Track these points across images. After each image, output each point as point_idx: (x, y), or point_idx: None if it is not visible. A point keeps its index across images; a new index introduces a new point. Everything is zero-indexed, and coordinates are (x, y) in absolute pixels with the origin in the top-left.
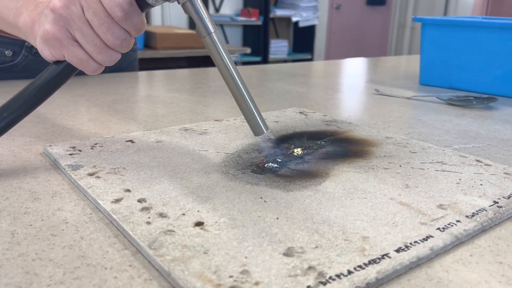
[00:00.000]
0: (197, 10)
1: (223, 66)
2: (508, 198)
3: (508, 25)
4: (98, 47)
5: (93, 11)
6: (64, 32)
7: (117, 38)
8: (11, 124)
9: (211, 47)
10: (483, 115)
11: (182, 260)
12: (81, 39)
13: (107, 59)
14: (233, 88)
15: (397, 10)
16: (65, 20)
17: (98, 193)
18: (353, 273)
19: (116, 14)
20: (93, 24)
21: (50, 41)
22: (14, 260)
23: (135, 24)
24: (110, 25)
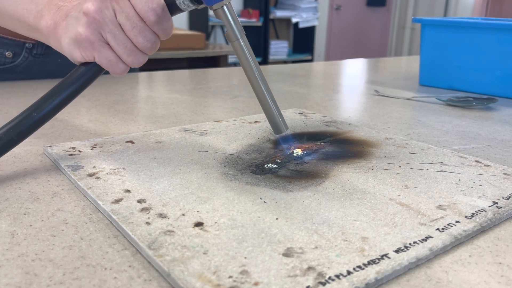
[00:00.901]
0: (229, 16)
1: (249, 69)
2: (507, 199)
3: (508, 26)
4: (128, 50)
5: (125, 15)
6: (97, 35)
7: (148, 41)
8: (40, 123)
9: (239, 51)
10: (482, 116)
11: (181, 261)
12: (112, 42)
13: (136, 61)
14: (257, 89)
15: (397, 11)
16: (98, 23)
17: (98, 194)
18: (353, 274)
19: (149, 18)
20: (125, 28)
21: (82, 43)
22: (14, 260)
23: (165, 28)
24: (142, 29)
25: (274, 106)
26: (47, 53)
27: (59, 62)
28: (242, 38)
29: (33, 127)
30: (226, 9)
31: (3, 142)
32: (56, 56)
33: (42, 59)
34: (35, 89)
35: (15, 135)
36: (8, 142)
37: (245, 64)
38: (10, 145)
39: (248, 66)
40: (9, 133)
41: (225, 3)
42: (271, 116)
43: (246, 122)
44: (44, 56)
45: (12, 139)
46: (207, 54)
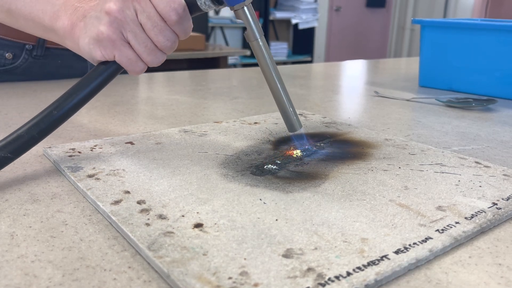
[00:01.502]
0: (249, 17)
1: (267, 68)
2: (507, 200)
3: (507, 27)
4: (148, 49)
5: (147, 15)
6: (118, 34)
7: (168, 40)
8: (61, 121)
9: (258, 51)
10: (482, 117)
11: (181, 262)
12: (133, 41)
13: (155, 60)
14: (274, 88)
15: (396, 12)
16: (119, 22)
17: (97, 195)
18: (352, 275)
19: (171, 18)
20: (146, 27)
21: (103, 41)
22: (14, 261)
23: (185, 28)
24: (162, 28)
25: (289, 104)
26: (47, 55)
27: (59, 64)
28: (261, 38)
29: (53, 125)
30: (246, 10)
31: (24, 140)
32: (56, 57)
33: (42, 60)
34: (35, 90)
35: (36, 133)
36: (30, 140)
37: (263, 64)
38: (31, 143)
39: (266, 65)
40: (30, 131)
41: (246, 4)
42: (286, 115)
43: (245, 123)
44: (44, 58)
45: (34, 137)
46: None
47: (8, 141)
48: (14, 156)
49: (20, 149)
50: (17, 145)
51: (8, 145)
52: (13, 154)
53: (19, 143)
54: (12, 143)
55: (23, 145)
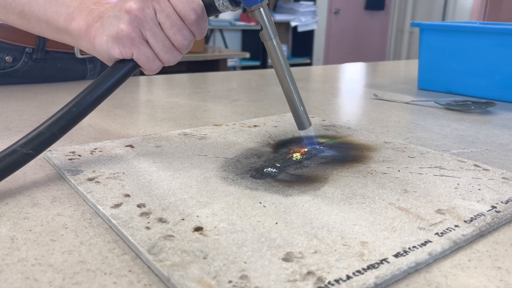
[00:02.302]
0: (264, 18)
1: (280, 67)
2: (506, 203)
3: (505, 30)
4: (166, 47)
5: (166, 14)
6: (137, 32)
7: (185, 39)
8: (80, 117)
9: (272, 50)
10: (481, 120)
11: (181, 265)
12: (152, 39)
13: (172, 58)
14: (286, 86)
15: (395, 14)
16: (139, 20)
17: (97, 198)
18: (352, 278)
19: (190, 18)
20: (164, 26)
21: (123, 39)
22: (14, 265)
23: (202, 27)
24: (180, 27)
25: (300, 103)
26: (46, 58)
27: (58, 67)
28: (275, 39)
29: (73, 121)
30: (262, 10)
31: (45, 136)
32: (55, 60)
33: (42, 63)
34: (34, 93)
35: (56, 130)
36: (50, 137)
37: (276, 63)
38: (52, 140)
39: (279, 64)
40: (51, 128)
41: (262, 5)
42: (296, 112)
43: (245, 126)
44: (44, 61)
45: (54, 133)
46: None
47: (29, 138)
48: (35, 153)
49: (41, 146)
50: (38, 142)
51: (29, 142)
52: (34, 151)
53: (40, 140)
54: (33, 140)
55: (44, 142)
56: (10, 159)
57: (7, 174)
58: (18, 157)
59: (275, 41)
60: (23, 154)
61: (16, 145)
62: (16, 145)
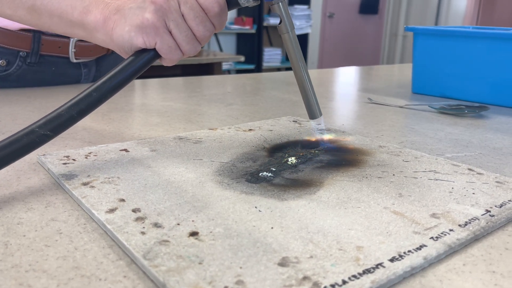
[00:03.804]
0: (283, 12)
1: (295, 59)
2: (500, 207)
3: (498, 35)
4: (188, 37)
5: (190, 6)
6: (162, 22)
7: (207, 30)
8: (99, 102)
9: (288, 42)
10: (474, 124)
11: (177, 271)
12: (175, 29)
13: (192, 49)
14: (300, 77)
15: (389, 18)
16: (164, 11)
17: (92, 203)
18: (348, 283)
19: (213, 10)
20: (188, 17)
21: (147, 28)
22: (8, 271)
23: (223, 20)
24: (203, 19)
25: (312, 93)
26: (41, 62)
27: (53, 71)
28: (292, 32)
29: (92, 105)
30: (281, 5)
31: (64, 118)
32: (50, 65)
33: (36, 67)
34: (28, 97)
35: (75, 112)
36: (69, 119)
37: (292, 54)
38: (70, 122)
39: (295, 56)
40: (70, 110)
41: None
42: (309, 102)
43: (240, 130)
44: (38, 65)
45: (72, 116)
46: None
47: (48, 119)
48: (53, 134)
49: (59, 127)
50: (56, 124)
51: (47, 123)
52: (53, 132)
53: (59, 122)
54: (51, 121)
55: (63, 124)
56: (28, 139)
57: (23, 154)
58: (36, 137)
59: (292, 34)
60: (41, 134)
61: (35, 125)
62: (34, 125)
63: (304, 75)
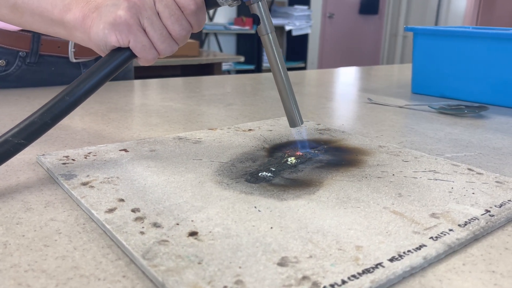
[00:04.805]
0: (262, 11)
1: (274, 62)
2: (499, 207)
3: (498, 35)
4: (163, 36)
5: (165, 3)
6: (135, 19)
7: (183, 29)
8: (73, 106)
9: (268, 45)
10: (474, 124)
11: (176, 271)
12: (149, 27)
13: (168, 48)
14: (280, 82)
15: (389, 19)
16: (138, 8)
17: (91, 203)
18: (347, 283)
19: (190, 8)
20: (163, 15)
21: (120, 26)
22: (7, 271)
23: (200, 19)
24: (179, 17)
25: (292, 99)
26: (40, 62)
27: (52, 71)
28: (271, 33)
29: (66, 110)
30: (260, 5)
31: (37, 126)
32: (49, 65)
33: (35, 67)
34: (28, 97)
35: (49, 119)
36: (42, 126)
37: (271, 58)
38: (44, 129)
39: (274, 60)
40: (43, 117)
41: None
42: (288, 109)
43: (240, 130)
44: (37, 65)
45: (46, 122)
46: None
47: (22, 128)
48: (27, 142)
49: (33, 135)
50: (30, 131)
51: (21, 132)
52: (26, 140)
53: (32, 129)
54: (25, 129)
55: (36, 131)
56: (2, 149)
57: None
58: (10, 147)
59: (271, 36)
60: (14, 144)
61: (8, 134)
62: (7, 134)
63: (284, 80)
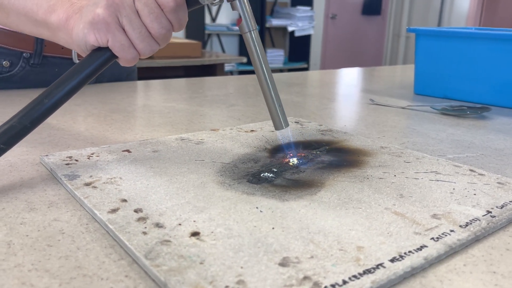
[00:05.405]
0: (243, 8)
1: (257, 62)
2: (501, 208)
3: (500, 36)
4: (142, 35)
5: (144, 2)
6: (113, 18)
7: (163, 27)
8: (52, 109)
9: (250, 43)
10: (476, 125)
11: (178, 270)
12: (128, 26)
13: (148, 47)
14: (263, 83)
15: (391, 19)
16: (116, 6)
17: (94, 203)
18: (348, 283)
19: (169, 5)
20: (142, 13)
21: (98, 24)
22: (10, 270)
23: (180, 18)
24: (158, 15)
25: (276, 101)
26: (44, 63)
27: (56, 72)
28: (253, 31)
29: (45, 113)
30: (241, 2)
31: (17, 130)
32: (53, 66)
33: (39, 68)
34: (31, 98)
35: (28, 122)
36: (22, 130)
37: (254, 57)
38: (23, 133)
39: (257, 59)
40: (22, 121)
41: None
42: (272, 111)
43: (242, 131)
44: (41, 66)
45: (26, 126)
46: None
47: (1, 132)
48: (7, 147)
49: (13, 140)
50: (9, 135)
51: (0, 136)
52: (6, 145)
53: (12, 134)
54: (4, 133)
55: (16, 135)
56: None
57: None
58: None
59: (254, 34)
60: None
61: None
62: None
63: (268, 81)
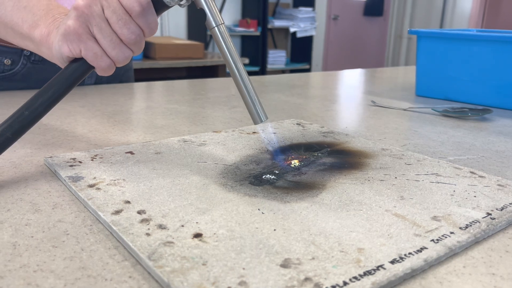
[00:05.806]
0: (207, 4)
1: (228, 57)
2: (501, 210)
3: (502, 38)
4: (113, 42)
5: (112, 9)
6: (84, 28)
7: (132, 33)
8: (33, 121)
9: (218, 38)
10: (478, 127)
11: (181, 272)
12: (98, 34)
13: (120, 54)
14: (236, 77)
15: (393, 21)
16: (86, 16)
17: (98, 205)
18: (349, 284)
19: (134, 10)
20: (111, 21)
21: (70, 35)
22: (16, 271)
23: (149, 21)
24: (127, 21)
25: (252, 95)
26: (45, 60)
27: (57, 69)
28: (220, 26)
29: (26, 125)
30: None
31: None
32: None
33: (41, 65)
34: None
35: (10, 134)
36: (5, 141)
37: (223, 51)
38: (6, 143)
39: (227, 53)
40: (4, 132)
41: None
42: (248, 105)
43: (244, 132)
44: (42, 63)
45: (8, 138)
46: (206, 63)
47: None
48: None
49: None
50: None
51: None
52: None
53: None
54: None
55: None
56: None
57: None
58: None
59: (221, 28)
60: None
61: None
62: None
63: (239, 75)
